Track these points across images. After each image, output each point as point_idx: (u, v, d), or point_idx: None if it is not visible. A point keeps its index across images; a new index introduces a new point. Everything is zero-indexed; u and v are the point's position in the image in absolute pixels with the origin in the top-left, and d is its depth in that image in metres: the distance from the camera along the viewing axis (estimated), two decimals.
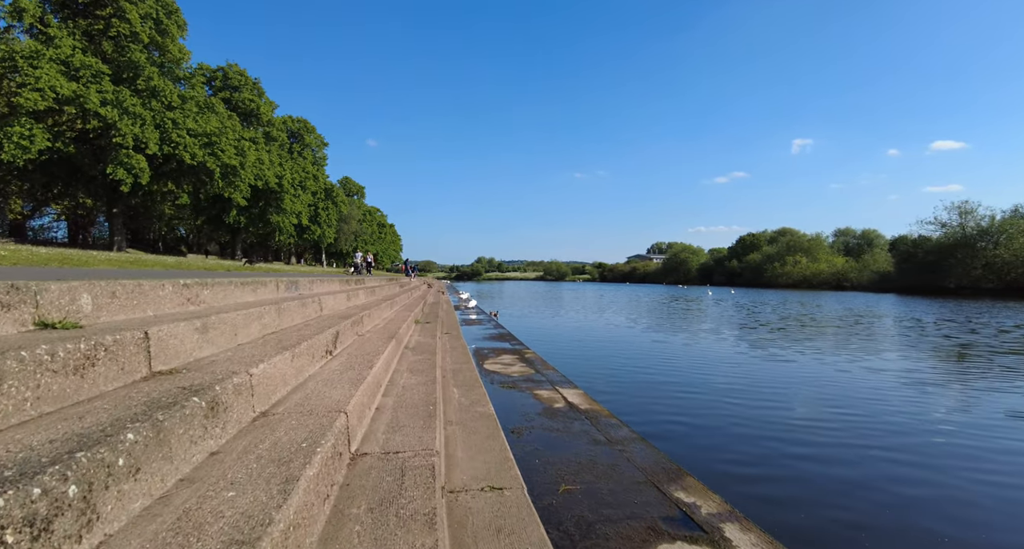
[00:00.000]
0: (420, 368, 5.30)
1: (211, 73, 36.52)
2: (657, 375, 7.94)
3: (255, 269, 14.15)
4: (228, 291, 4.53)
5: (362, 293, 8.88)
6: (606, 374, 8.07)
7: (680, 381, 7.40)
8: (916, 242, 59.04)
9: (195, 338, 2.72)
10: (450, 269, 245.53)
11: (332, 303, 6.50)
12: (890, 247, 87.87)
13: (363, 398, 3.20)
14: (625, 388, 7.02)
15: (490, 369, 7.71)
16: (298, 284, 6.68)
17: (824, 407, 6.11)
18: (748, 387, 7.00)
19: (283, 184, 36.57)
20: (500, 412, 4.98)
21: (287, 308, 4.68)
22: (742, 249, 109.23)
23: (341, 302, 7.11)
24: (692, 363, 9.07)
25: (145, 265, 10.26)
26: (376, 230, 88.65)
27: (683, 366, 8.72)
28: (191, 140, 21.74)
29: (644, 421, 5.38)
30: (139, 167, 19.36)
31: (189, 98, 23.59)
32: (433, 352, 6.38)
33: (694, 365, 8.89)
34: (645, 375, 7.92)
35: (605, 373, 8.16)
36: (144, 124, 20.23)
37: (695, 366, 8.80)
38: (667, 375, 7.93)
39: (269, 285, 5.57)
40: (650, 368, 8.52)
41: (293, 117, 50.29)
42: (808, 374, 8.17)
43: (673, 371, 8.25)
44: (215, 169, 22.88)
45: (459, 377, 5.94)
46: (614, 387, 7.09)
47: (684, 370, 8.34)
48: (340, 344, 4.77)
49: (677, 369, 8.44)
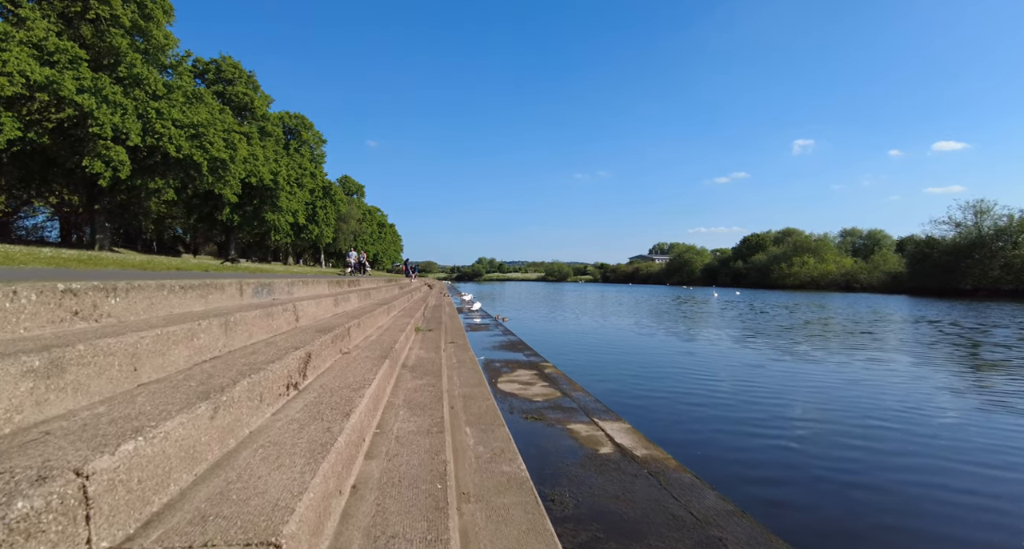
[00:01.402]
0: (421, 400, 3.91)
1: (204, 66, 35.17)
2: (700, 395, 6.50)
3: (236, 269, 12.78)
4: (156, 299, 3.12)
5: (354, 297, 7.50)
6: (641, 394, 6.65)
7: (733, 404, 5.96)
8: (930, 242, 57.44)
9: (29, 388, 1.34)
10: (451, 269, 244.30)
11: (313, 310, 5.11)
12: (897, 247, 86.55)
13: (328, 483, 1.81)
14: (672, 416, 5.60)
15: (507, 390, 6.31)
16: (273, 287, 5.30)
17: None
18: (817, 411, 5.59)
19: (278, 181, 35.20)
20: (532, 464, 3.60)
21: (245, 321, 3.31)
22: (747, 250, 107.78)
23: (326, 308, 5.72)
24: (735, 378, 7.65)
25: (100, 264, 8.86)
26: (376, 230, 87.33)
27: (723, 381, 7.28)
28: (176, 131, 20.33)
29: (723, 475, 3.97)
30: (118, 159, 17.94)
31: (176, 87, 22.21)
32: (438, 372, 4.99)
33: (739, 382, 7.46)
34: (685, 395, 6.49)
35: (639, 393, 6.74)
36: (125, 114, 18.84)
37: (742, 383, 7.38)
38: (712, 396, 6.50)
39: (229, 289, 4.19)
40: (688, 385, 7.09)
41: (290, 113, 48.94)
42: (920, 404, 6.74)
43: (715, 389, 6.81)
44: (202, 163, 21.45)
45: (472, 408, 4.55)
46: (658, 414, 5.67)
47: (729, 387, 6.90)
48: (312, 371, 3.40)
49: (717, 385, 7.00)
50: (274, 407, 2.57)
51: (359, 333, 5.30)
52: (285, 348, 3.16)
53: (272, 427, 2.25)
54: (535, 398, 5.93)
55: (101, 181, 17.95)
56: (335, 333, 4.14)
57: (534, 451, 4.14)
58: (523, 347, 10.36)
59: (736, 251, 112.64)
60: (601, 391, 6.66)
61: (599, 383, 7.32)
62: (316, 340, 3.59)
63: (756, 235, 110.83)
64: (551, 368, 7.98)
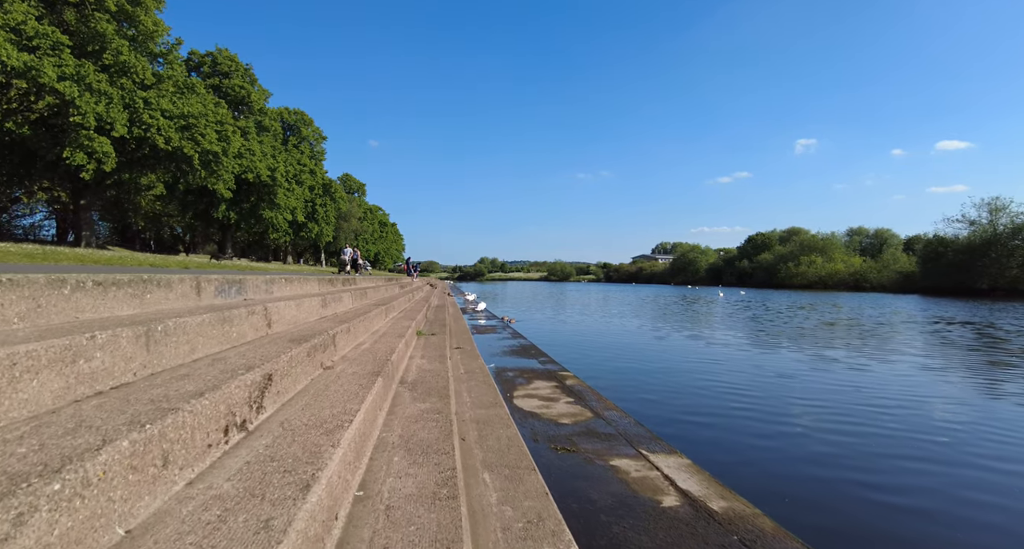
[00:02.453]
0: (424, 437, 2.89)
1: (199, 58, 34.18)
2: (752, 414, 5.37)
3: (222, 266, 11.76)
4: (49, 300, 2.10)
5: (347, 297, 6.45)
6: (684, 414, 5.56)
7: (797, 426, 4.85)
8: (944, 241, 56.09)
9: None
10: (453, 269, 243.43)
11: (293, 313, 4.07)
12: (905, 247, 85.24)
13: None
14: (731, 444, 4.51)
15: (526, 409, 5.24)
16: (245, 285, 4.24)
17: None
18: (921, 443, 4.50)
19: (276, 177, 34.16)
20: (575, 525, 2.55)
21: (184, 329, 2.36)
22: (752, 249, 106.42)
23: (310, 311, 4.68)
24: (785, 392, 6.53)
25: (52, 259, 7.83)
26: (377, 229, 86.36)
27: (772, 395, 6.15)
28: (165, 122, 19.29)
29: (826, 526, 2.89)
30: (102, 151, 16.90)
31: (167, 77, 21.19)
32: (444, 390, 3.93)
33: (795, 399, 6.35)
34: (737, 415, 5.35)
35: (682, 412, 5.65)
36: (110, 103, 17.81)
37: (801, 401, 6.27)
38: (766, 414, 5.39)
39: (180, 286, 3.18)
40: (734, 401, 5.97)
41: (290, 109, 47.92)
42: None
43: (767, 406, 5.70)
44: (193, 155, 20.43)
45: (489, 439, 3.49)
46: (715, 442, 4.58)
47: (782, 404, 5.79)
48: (274, 400, 2.41)
49: (767, 401, 5.87)
50: (192, 471, 1.54)
51: (348, 341, 4.26)
52: (235, 368, 2.13)
53: (165, 522, 1.20)
54: (562, 420, 4.86)
55: (84, 174, 16.91)
56: (315, 342, 3.12)
57: (575, 505, 3.06)
58: (536, 352, 9.29)
59: (741, 250, 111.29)
60: (636, 409, 5.58)
61: (631, 398, 6.23)
62: (285, 354, 2.57)
63: (761, 234, 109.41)
64: (572, 378, 6.91)
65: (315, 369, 3.17)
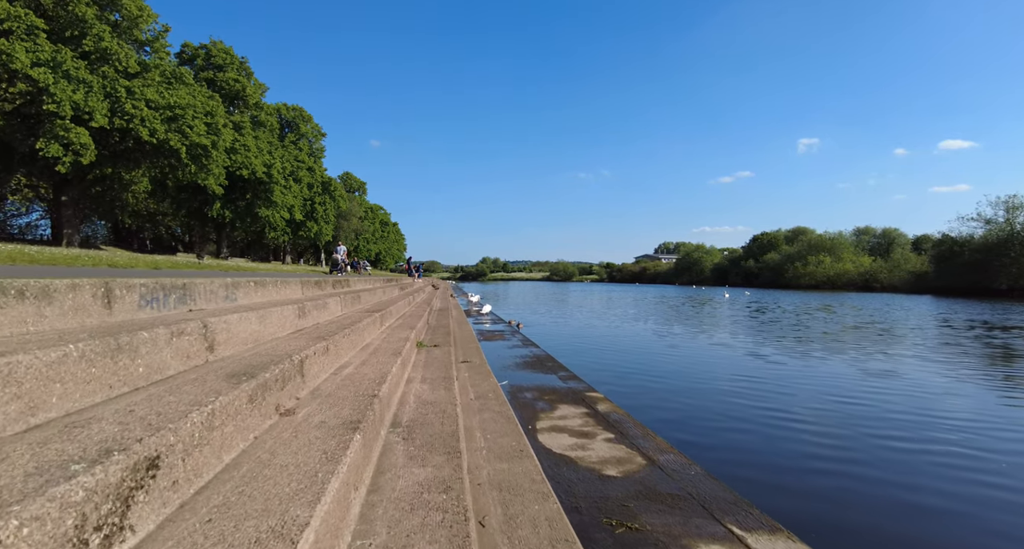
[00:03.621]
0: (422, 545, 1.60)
1: (193, 51, 33.09)
2: (832, 448, 4.13)
3: (200, 267, 10.61)
4: None
5: (335, 303, 5.23)
6: (753, 451, 4.35)
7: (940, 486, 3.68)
8: (960, 240, 54.65)
9: None
10: (455, 269, 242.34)
11: (252, 330, 2.80)
12: (913, 246, 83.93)
13: None
14: (860, 512, 3.32)
15: (557, 451, 4.01)
16: (192, 291, 2.98)
17: None
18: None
19: (272, 174, 33.03)
20: None
21: (24, 370, 0.93)
22: (758, 249, 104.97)
23: (280, 324, 3.42)
24: (871, 420, 5.32)
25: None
26: (379, 228, 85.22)
27: (856, 427, 4.91)
28: (150, 113, 18.14)
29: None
30: (79, 142, 15.74)
31: (153, 66, 20.05)
32: (452, 440, 2.69)
33: (885, 427, 5.13)
34: (814, 448, 4.14)
35: (746, 447, 4.44)
36: (90, 91, 16.67)
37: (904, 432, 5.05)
38: (851, 451, 4.15)
39: (73, 296, 1.95)
40: (806, 434, 4.75)
41: (288, 105, 46.78)
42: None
43: (854, 440, 4.47)
44: (180, 149, 19.28)
45: (520, 529, 2.28)
46: (832, 510, 3.38)
47: (893, 449, 4.57)
48: (162, 499, 1.29)
49: (852, 433, 4.63)
50: None
51: (326, 365, 3.03)
52: (91, 444, 0.94)
53: None
54: (607, 470, 3.64)
55: (60, 167, 15.75)
56: (270, 375, 1.97)
57: None
58: (553, 365, 8.08)
59: (747, 250, 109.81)
60: (698, 450, 4.37)
61: (679, 429, 5.02)
62: (208, 404, 1.39)
63: (766, 234, 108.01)
64: (603, 402, 5.70)
65: (264, 419, 1.97)
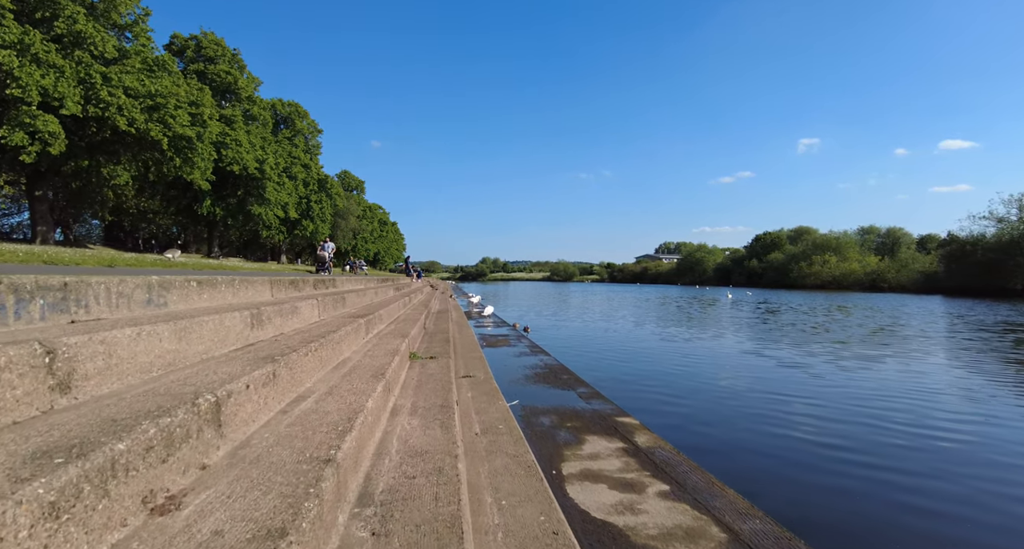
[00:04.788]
0: None
1: (183, 42, 31.86)
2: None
3: (171, 265, 9.40)
4: None
5: (309, 307, 3.96)
6: (858, 504, 3.13)
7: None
8: (971, 239, 53.47)
9: None
10: (455, 269, 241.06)
11: (161, 351, 1.63)
12: (918, 246, 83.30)
13: None
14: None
15: (597, 515, 2.69)
16: (78, 293, 1.78)
17: None
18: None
19: (264, 170, 31.79)
20: None
21: None
22: (761, 248, 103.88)
23: (218, 338, 1.96)
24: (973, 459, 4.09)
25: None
26: (377, 228, 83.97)
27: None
28: (128, 101, 16.92)
29: None
30: (47, 131, 14.55)
31: (133, 53, 18.84)
32: (452, 540, 1.47)
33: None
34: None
35: (843, 496, 3.23)
36: (61, 76, 15.47)
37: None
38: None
39: None
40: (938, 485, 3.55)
41: (283, 100, 45.54)
42: None
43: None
44: (162, 140, 18.08)
45: None
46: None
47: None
48: None
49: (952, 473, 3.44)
50: None
51: (268, 402, 1.70)
52: None
53: None
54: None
55: (24, 156, 14.52)
56: (126, 445, 0.91)
57: None
58: (569, 378, 6.86)
59: (750, 250, 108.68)
60: (774, 501, 3.16)
61: (745, 468, 3.80)
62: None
63: (769, 233, 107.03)
64: (641, 431, 4.47)
65: (105, 530, 0.74)
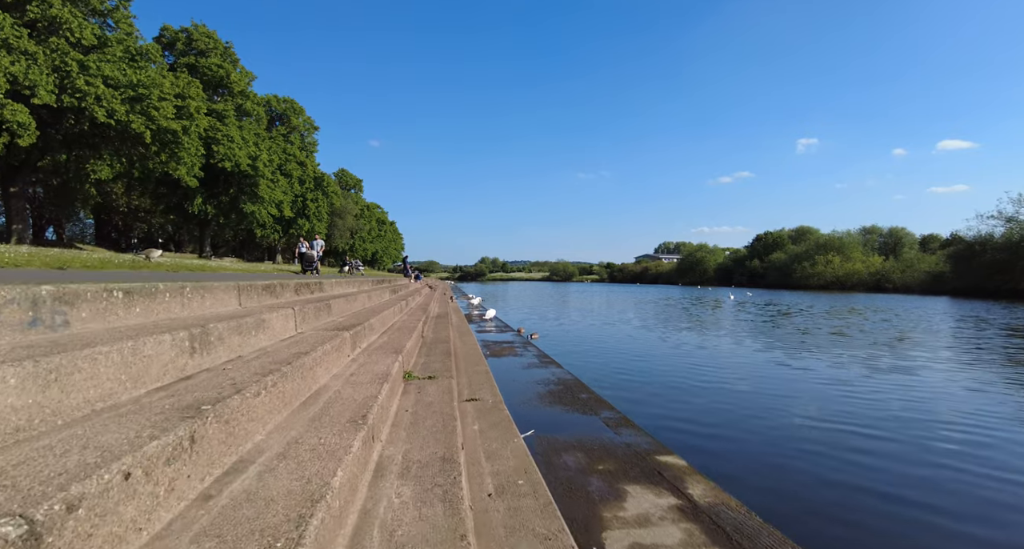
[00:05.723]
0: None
1: (173, 35, 30.83)
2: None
3: (136, 266, 8.39)
4: None
5: (279, 319, 2.84)
6: None
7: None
8: (978, 239, 52.61)
9: None
10: (453, 269, 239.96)
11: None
12: (920, 246, 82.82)
13: None
14: None
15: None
16: None
17: None
18: None
19: (257, 166, 30.75)
20: None
21: None
22: (763, 248, 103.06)
23: (128, 376, 1.11)
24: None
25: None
26: (375, 227, 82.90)
27: None
28: (107, 91, 15.91)
29: None
30: (15, 121, 13.54)
31: (116, 41, 17.81)
32: None
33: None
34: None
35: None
36: (33, 64, 14.46)
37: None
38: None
39: None
40: None
41: (279, 96, 44.52)
42: None
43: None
44: (144, 133, 17.07)
45: None
46: None
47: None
48: None
49: None
50: None
51: (178, 486, 0.83)
52: None
53: None
54: None
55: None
56: None
57: None
58: (590, 398, 5.84)
59: (751, 250, 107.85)
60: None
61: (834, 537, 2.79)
62: None
63: (770, 233, 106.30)
64: (694, 477, 3.46)
65: None
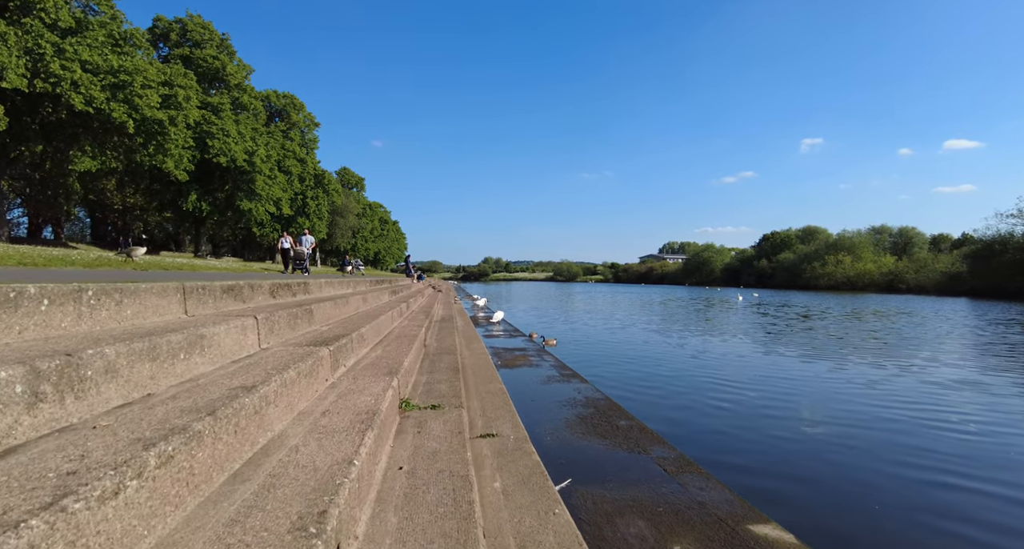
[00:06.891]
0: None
1: (167, 25, 29.76)
2: None
3: (115, 263, 7.31)
4: None
5: (234, 333, 1.45)
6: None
7: None
8: (997, 239, 51.18)
9: None
10: (456, 269, 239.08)
11: None
12: (931, 245, 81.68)
13: None
14: None
15: None
16: None
17: None
18: None
19: (255, 162, 29.62)
20: None
21: None
22: (770, 248, 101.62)
23: None
24: None
25: None
26: (377, 226, 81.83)
27: None
28: (86, 76, 14.78)
29: None
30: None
31: (98, 25, 16.68)
32: None
33: None
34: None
35: None
36: (2, 44, 13.33)
37: None
38: None
39: None
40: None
41: (278, 92, 43.47)
42: None
43: None
44: (127, 122, 15.94)
45: None
46: None
47: None
48: None
49: None
50: None
51: None
52: None
53: None
54: None
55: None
56: None
57: None
58: (631, 426, 4.53)
59: (758, 250, 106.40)
60: None
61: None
62: None
63: (778, 233, 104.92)
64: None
65: None
